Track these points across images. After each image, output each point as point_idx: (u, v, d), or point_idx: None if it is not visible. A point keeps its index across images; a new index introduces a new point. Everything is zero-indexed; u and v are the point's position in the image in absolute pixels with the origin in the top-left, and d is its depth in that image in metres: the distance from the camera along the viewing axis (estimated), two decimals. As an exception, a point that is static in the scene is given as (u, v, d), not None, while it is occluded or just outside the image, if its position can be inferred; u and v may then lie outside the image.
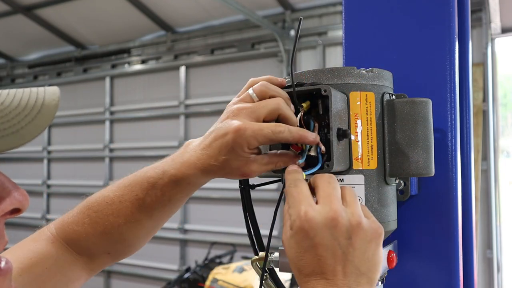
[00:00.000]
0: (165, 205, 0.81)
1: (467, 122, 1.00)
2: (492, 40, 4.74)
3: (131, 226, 0.81)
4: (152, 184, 0.79)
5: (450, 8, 0.90)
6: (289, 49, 5.55)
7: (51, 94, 0.51)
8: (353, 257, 0.63)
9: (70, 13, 6.47)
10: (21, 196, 0.51)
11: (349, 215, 0.64)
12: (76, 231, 0.82)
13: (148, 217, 0.81)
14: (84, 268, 0.84)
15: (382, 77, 0.79)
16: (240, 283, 4.02)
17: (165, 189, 0.78)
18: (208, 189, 6.13)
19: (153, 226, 0.84)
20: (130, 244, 0.85)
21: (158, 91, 6.65)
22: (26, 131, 0.47)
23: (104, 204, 0.82)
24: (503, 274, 4.71)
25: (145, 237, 0.86)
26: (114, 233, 0.81)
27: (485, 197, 4.62)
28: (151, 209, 0.80)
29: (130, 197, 0.81)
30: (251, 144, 0.71)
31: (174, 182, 0.78)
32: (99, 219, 0.81)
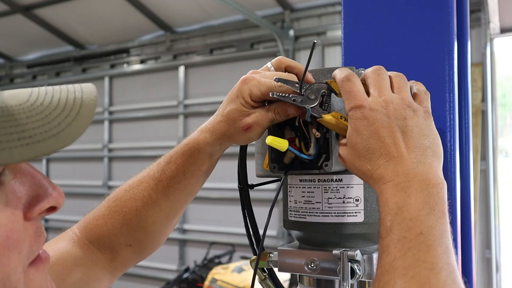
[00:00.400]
0: (179, 181, 0.82)
1: (466, 122, 1.00)
2: (491, 40, 4.75)
3: (149, 209, 0.83)
4: (167, 159, 0.83)
5: (449, 8, 0.90)
6: (288, 49, 5.56)
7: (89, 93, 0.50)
8: (412, 133, 0.66)
9: (69, 13, 6.46)
10: (57, 195, 0.52)
11: (399, 99, 0.68)
12: (97, 226, 0.84)
13: (164, 196, 0.83)
14: (106, 268, 0.84)
15: (381, 77, 0.79)
16: (239, 283, 4.02)
17: (179, 161, 0.81)
18: (207, 189, 6.13)
19: (169, 208, 0.85)
20: (150, 232, 0.85)
21: (157, 91, 6.65)
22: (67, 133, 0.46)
23: (123, 192, 0.85)
24: (501, 274, 4.71)
25: (164, 223, 0.86)
26: (132, 218, 0.83)
27: (484, 197, 4.63)
28: (167, 187, 0.82)
29: (147, 179, 0.84)
30: (253, 93, 0.75)
31: (186, 151, 0.81)
32: (118, 208, 0.83)
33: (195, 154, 0.80)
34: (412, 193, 0.61)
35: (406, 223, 0.59)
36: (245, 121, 0.76)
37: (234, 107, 0.77)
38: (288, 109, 0.75)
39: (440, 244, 0.57)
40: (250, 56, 5.87)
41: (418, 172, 0.63)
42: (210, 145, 0.80)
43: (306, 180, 0.78)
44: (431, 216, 0.59)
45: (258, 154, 0.86)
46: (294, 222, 0.79)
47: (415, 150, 0.65)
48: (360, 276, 0.72)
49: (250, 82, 0.76)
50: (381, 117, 0.66)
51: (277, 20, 5.72)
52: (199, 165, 0.81)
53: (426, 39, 0.91)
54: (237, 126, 0.77)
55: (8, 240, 0.47)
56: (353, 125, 0.67)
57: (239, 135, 0.78)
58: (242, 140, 0.79)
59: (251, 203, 0.86)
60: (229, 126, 0.77)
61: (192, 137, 0.81)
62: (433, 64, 0.90)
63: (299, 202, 0.78)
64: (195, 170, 0.82)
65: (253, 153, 0.87)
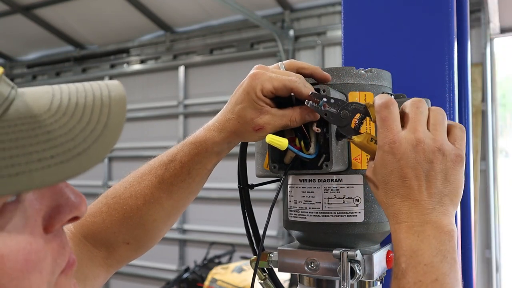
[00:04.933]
0: (183, 179, 0.80)
1: (466, 122, 1.01)
2: (491, 40, 4.75)
3: (150, 207, 0.80)
4: (172, 157, 0.80)
5: (449, 8, 0.90)
6: (288, 49, 5.56)
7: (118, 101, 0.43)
8: (435, 179, 0.65)
9: (69, 13, 6.46)
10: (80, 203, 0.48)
11: (431, 140, 0.66)
12: (93, 222, 0.81)
13: (167, 194, 0.80)
14: (102, 265, 0.82)
15: (381, 77, 0.79)
16: (239, 283, 4.02)
17: (184, 160, 0.78)
18: (207, 189, 6.13)
19: (172, 206, 0.82)
20: (149, 230, 0.83)
21: (157, 91, 6.65)
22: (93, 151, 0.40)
23: (123, 189, 0.82)
24: (501, 274, 4.71)
25: (164, 222, 0.84)
26: (133, 216, 0.80)
27: (484, 197, 4.63)
28: (171, 185, 0.80)
29: (150, 176, 0.80)
30: (265, 87, 0.73)
31: (193, 148, 0.78)
32: (117, 205, 0.80)
33: (202, 153, 0.78)
34: (425, 239, 0.62)
35: (421, 267, 0.61)
36: (256, 122, 0.74)
37: (245, 105, 0.74)
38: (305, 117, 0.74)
39: None
40: (250, 56, 5.86)
41: (432, 218, 0.64)
42: (218, 143, 0.77)
43: (306, 180, 0.78)
44: (445, 264, 0.61)
45: (258, 154, 0.86)
46: (294, 222, 0.79)
47: (433, 196, 0.65)
48: (360, 276, 0.72)
49: (261, 77, 0.74)
50: (408, 156, 0.66)
51: (277, 20, 5.71)
52: (205, 163, 0.79)
53: (426, 39, 0.91)
54: (248, 126, 0.75)
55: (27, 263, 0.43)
56: (380, 156, 0.67)
57: (249, 134, 0.76)
58: (251, 139, 0.77)
59: (251, 203, 0.86)
60: (239, 124, 0.75)
61: (199, 135, 0.79)
62: (433, 64, 0.90)
63: (299, 202, 0.78)
64: (200, 168, 0.80)
65: (253, 153, 0.87)
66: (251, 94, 0.73)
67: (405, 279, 0.61)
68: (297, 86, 0.73)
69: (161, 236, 0.86)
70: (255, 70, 0.75)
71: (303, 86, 0.73)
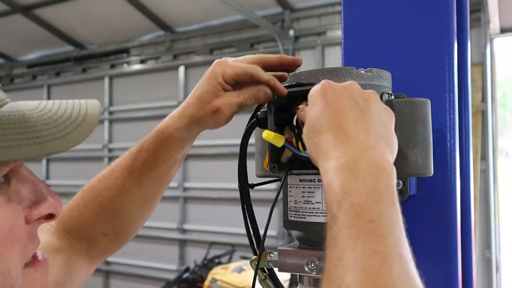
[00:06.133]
0: (151, 168, 0.83)
1: (466, 122, 1.00)
2: (491, 40, 4.75)
3: (123, 198, 0.84)
4: (139, 147, 0.83)
5: (449, 8, 0.90)
6: (287, 49, 5.56)
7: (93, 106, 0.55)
8: (370, 116, 0.61)
9: (69, 13, 6.46)
10: (56, 202, 0.55)
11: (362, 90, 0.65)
12: (72, 217, 0.85)
13: (137, 185, 0.83)
14: (85, 257, 0.85)
15: (381, 77, 0.79)
16: (239, 283, 4.02)
17: (150, 148, 0.82)
18: (207, 189, 6.14)
19: (143, 196, 0.85)
20: (125, 221, 0.86)
21: (157, 91, 6.65)
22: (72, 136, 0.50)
23: (97, 182, 0.87)
24: (502, 274, 4.71)
25: (138, 212, 0.87)
26: (107, 207, 0.84)
27: (484, 197, 4.63)
28: (139, 175, 0.83)
29: (120, 167, 0.84)
30: (226, 73, 0.76)
31: (156, 137, 0.81)
32: (92, 198, 0.85)
33: (165, 140, 0.81)
34: (359, 177, 0.54)
35: (354, 208, 0.52)
36: (213, 103, 0.76)
37: (205, 88, 0.77)
38: (259, 94, 0.77)
39: (391, 233, 0.51)
40: (250, 56, 5.86)
41: (368, 154, 0.56)
42: (179, 130, 0.80)
43: (306, 180, 0.78)
44: (381, 204, 0.53)
45: (258, 154, 0.86)
46: (294, 222, 0.79)
47: (369, 133, 0.59)
48: (360, 276, 0.72)
49: (223, 64, 0.77)
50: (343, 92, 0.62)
51: (277, 20, 5.72)
52: (169, 150, 0.82)
53: (426, 39, 0.91)
54: (206, 109, 0.77)
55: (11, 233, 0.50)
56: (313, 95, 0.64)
57: (207, 118, 0.78)
58: (210, 123, 0.79)
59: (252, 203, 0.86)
60: (198, 108, 0.78)
61: (162, 123, 0.82)
62: (433, 64, 0.90)
63: (299, 202, 0.78)
64: (166, 156, 0.82)
65: (253, 153, 0.87)
66: (211, 80, 0.77)
67: (336, 226, 0.52)
68: (256, 71, 0.76)
69: (138, 227, 0.89)
70: (219, 59, 0.79)
71: (262, 72, 0.77)
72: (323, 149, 0.59)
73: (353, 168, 0.55)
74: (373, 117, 0.61)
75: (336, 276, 0.49)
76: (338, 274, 0.48)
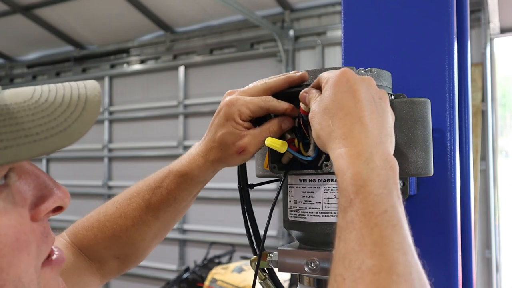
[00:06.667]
0: (170, 205, 0.83)
1: (466, 122, 1.00)
2: (491, 40, 4.74)
3: (139, 228, 0.84)
4: (158, 183, 0.82)
5: (449, 8, 0.90)
6: (288, 49, 5.56)
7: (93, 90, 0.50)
8: (383, 113, 0.63)
9: (69, 13, 6.46)
10: (63, 194, 0.52)
11: None
12: (86, 236, 0.85)
13: (154, 218, 0.83)
14: (96, 274, 0.86)
15: (381, 77, 0.79)
16: (239, 283, 4.02)
17: (170, 187, 0.81)
18: (207, 189, 6.12)
19: (159, 227, 0.86)
20: (138, 248, 0.87)
21: (157, 91, 6.65)
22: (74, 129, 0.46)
23: (114, 209, 0.85)
24: (501, 274, 4.71)
25: (152, 240, 0.88)
26: (122, 236, 0.84)
27: (484, 197, 4.63)
28: (157, 210, 0.83)
29: (138, 199, 0.84)
30: (242, 112, 0.75)
31: (179, 177, 0.81)
32: (108, 223, 0.84)
33: (188, 182, 0.81)
34: (375, 169, 0.57)
35: (372, 197, 0.55)
36: (238, 145, 0.76)
37: (225, 130, 0.76)
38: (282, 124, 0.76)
39: (402, 225, 0.54)
40: (250, 56, 5.86)
41: (380, 149, 0.59)
42: (203, 173, 0.80)
43: (306, 180, 0.78)
44: (392, 197, 0.56)
45: (258, 154, 0.86)
46: (294, 222, 0.79)
47: (381, 129, 0.61)
48: (360, 276, 0.72)
49: (237, 103, 0.76)
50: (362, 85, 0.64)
51: (277, 20, 5.71)
52: (191, 191, 0.83)
53: (426, 39, 0.91)
54: (231, 151, 0.76)
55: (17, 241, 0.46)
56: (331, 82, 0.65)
57: (233, 159, 0.78)
58: (236, 162, 0.79)
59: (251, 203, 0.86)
60: (222, 151, 0.77)
61: (184, 166, 0.81)
62: (433, 64, 0.90)
63: (299, 202, 0.78)
64: (186, 195, 0.83)
65: (253, 153, 0.87)
66: (229, 121, 0.76)
67: (353, 211, 0.55)
68: (271, 104, 0.75)
69: (149, 252, 0.91)
70: (229, 97, 0.77)
71: (277, 102, 0.76)
72: (339, 133, 0.60)
73: (369, 159, 0.58)
74: (384, 116, 0.64)
75: (357, 258, 0.52)
76: (359, 257, 0.51)
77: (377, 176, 0.56)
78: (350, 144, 0.59)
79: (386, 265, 0.50)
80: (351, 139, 0.59)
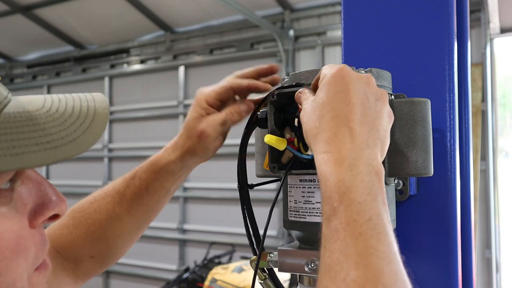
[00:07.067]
0: (142, 196, 0.84)
1: (466, 122, 1.00)
2: (491, 40, 4.74)
3: (112, 223, 0.85)
4: (132, 174, 0.85)
5: (449, 8, 0.90)
6: (288, 49, 5.56)
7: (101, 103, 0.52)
8: (376, 116, 0.61)
9: (69, 13, 6.46)
10: (61, 203, 0.53)
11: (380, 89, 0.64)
12: (62, 235, 0.85)
13: (127, 211, 0.85)
14: (71, 276, 0.86)
15: (381, 77, 0.79)
16: (239, 283, 4.02)
17: (143, 177, 0.83)
18: (207, 189, 6.13)
19: (132, 223, 0.87)
20: (112, 245, 0.87)
21: (157, 91, 6.65)
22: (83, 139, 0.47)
23: (88, 204, 0.87)
24: (502, 274, 4.71)
25: (126, 238, 0.88)
26: (96, 231, 0.84)
27: (484, 197, 4.63)
28: (130, 201, 0.84)
29: (112, 192, 0.86)
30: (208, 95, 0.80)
31: (149, 167, 0.83)
32: (82, 219, 0.85)
33: (158, 171, 0.83)
34: (358, 175, 0.55)
35: (355, 205, 0.53)
36: (198, 128, 0.79)
37: (191, 116, 0.80)
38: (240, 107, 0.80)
39: (387, 233, 0.53)
40: (250, 56, 5.86)
41: (365, 154, 0.57)
42: (172, 162, 0.82)
43: (306, 180, 0.78)
44: (376, 204, 0.54)
45: (258, 154, 0.86)
46: (294, 222, 0.79)
47: (370, 133, 0.59)
48: (360, 276, 0.72)
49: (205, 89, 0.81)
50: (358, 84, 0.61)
51: (277, 20, 5.71)
52: (162, 181, 0.84)
53: (426, 39, 0.91)
54: (193, 135, 0.79)
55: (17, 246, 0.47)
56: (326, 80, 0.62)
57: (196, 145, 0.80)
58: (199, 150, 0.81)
59: (251, 203, 0.86)
60: (186, 137, 0.80)
61: (157, 155, 0.84)
62: (433, 64, 0.90)
63: (299, 202, 0.78)
64: (158, 187, 0.84)
65: (253, 153, 0.87)
66: (196, 107, 0.80)
67: (338, 220, 0.53)
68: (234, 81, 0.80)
69: (124, 252, 0.91)
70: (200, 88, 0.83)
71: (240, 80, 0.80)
72: (324, 136, 0.59)
73: (352, 165, 0.56)
74: (378, 118, 0.61)
75: (341, 269, 0.51)
76: (343, 268, 0.51)
77: (360, 183, 0.55)
78: (334, 149, 0.57)
79: (371, 275, 0.49)
80: (336, 143, 0.58)
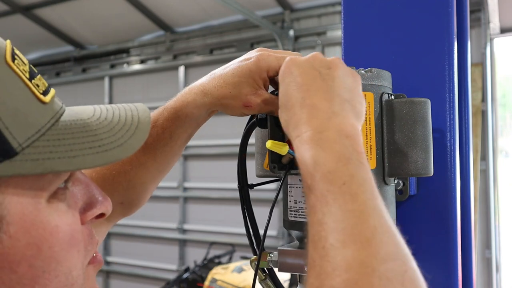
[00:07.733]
0: (166, 143, 0.83)
1: (466, 122, 1.01)
2: (491, 40, 4.74)
3: (137, 171, 0.85)
4: (153, 122, 0.83)
5: (449, 8, 0.90)
6: (288, 49, 5.56)
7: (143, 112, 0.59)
8: (333, 83, 0.63)
9: (69, 13, 6.46)
10: (107, 203, 0.59)
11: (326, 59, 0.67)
12: None
13: (152, 158, 0.84)
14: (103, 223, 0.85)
15: (381, 77, 0.80)
16: (239, 283, 4.02)
17: (165, 125, 0.82)
18: (207, 189, 6.14)
19: (157, 169, 0.87)
20: (138, 192, 0.88)
21: (157, 91, 6.65)
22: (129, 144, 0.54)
23: None
24: (501, 274, 4.71)
25: (151, 183, 0.89)
26: (122, 181, 0.85)
27: (484, 197, 4.63)
28: (154, 149, 0.83)
29: None
30: (271, 67, 0.74)
31: (172, 114, 0.81)
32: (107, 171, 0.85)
33: (182, 117, 0.80)
34: (326, 146, 0.57)
35: (326, 176, 0.54)
36: (249, 99, 0.75)
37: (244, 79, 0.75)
38: None
39: (363, 191, 0.54)
40: (250, 56, 5.86)
41: (332, 123, 0.59)
42: (199, 107, 0.78)
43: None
44: (350, 166, 0.55)
45: (258, 154, 0.86)
46: (294, 222, 0.79)
47: (332, 101, 0.61)
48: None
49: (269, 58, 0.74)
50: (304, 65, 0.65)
51: (277, 20, 5.71)
52: (186, 128, 0.82)
53: (426, 39, 0.91)
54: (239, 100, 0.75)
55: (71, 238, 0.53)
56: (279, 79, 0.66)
57: (235, 108, 0.76)
58: (236, 113, 0.77)
59: (251, 203, 0.86)
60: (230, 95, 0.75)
61: (180, 99, 0.80)
62: (433, 64, 0.90)
63: (299, 202, 0.78)
64: (181, 132, 0.83)
65: (253, 153, 0.87)
66: (253, 74, 0.74)
67: (313, 194, 0.55)
68: None
69: (150, 194, 0.92)
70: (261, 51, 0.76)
71: None
72: (292, 125, 0.61)
73: (319, 139, 0.57)
74: (335, 84, 0.63)
75: (320, 238, 0.53)
76: (321, 236, 0.52)
77: (329, 153, 0.56)
78: (301, 131, 0.59)
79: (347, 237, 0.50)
80: (302, 126, 0.60)
